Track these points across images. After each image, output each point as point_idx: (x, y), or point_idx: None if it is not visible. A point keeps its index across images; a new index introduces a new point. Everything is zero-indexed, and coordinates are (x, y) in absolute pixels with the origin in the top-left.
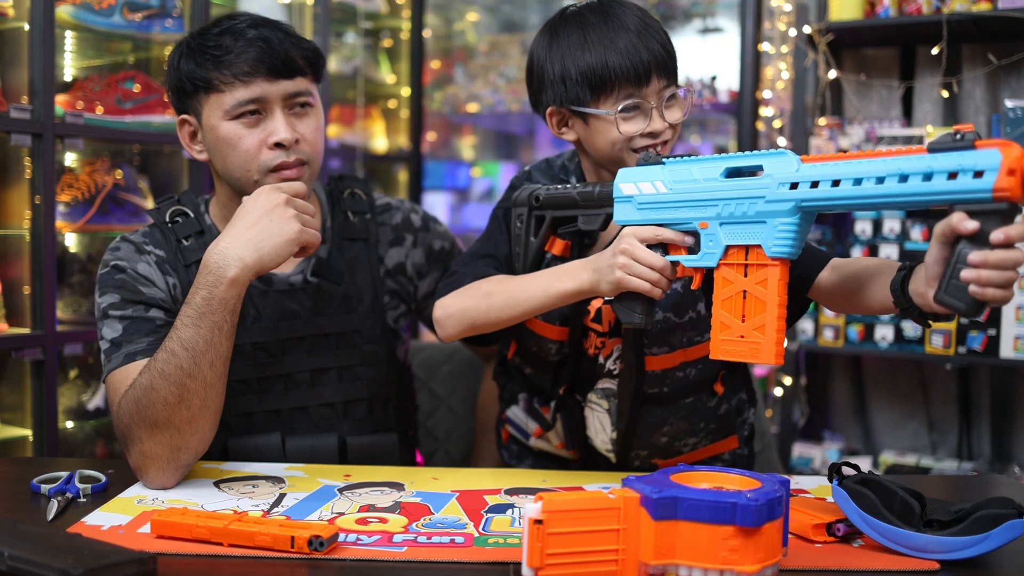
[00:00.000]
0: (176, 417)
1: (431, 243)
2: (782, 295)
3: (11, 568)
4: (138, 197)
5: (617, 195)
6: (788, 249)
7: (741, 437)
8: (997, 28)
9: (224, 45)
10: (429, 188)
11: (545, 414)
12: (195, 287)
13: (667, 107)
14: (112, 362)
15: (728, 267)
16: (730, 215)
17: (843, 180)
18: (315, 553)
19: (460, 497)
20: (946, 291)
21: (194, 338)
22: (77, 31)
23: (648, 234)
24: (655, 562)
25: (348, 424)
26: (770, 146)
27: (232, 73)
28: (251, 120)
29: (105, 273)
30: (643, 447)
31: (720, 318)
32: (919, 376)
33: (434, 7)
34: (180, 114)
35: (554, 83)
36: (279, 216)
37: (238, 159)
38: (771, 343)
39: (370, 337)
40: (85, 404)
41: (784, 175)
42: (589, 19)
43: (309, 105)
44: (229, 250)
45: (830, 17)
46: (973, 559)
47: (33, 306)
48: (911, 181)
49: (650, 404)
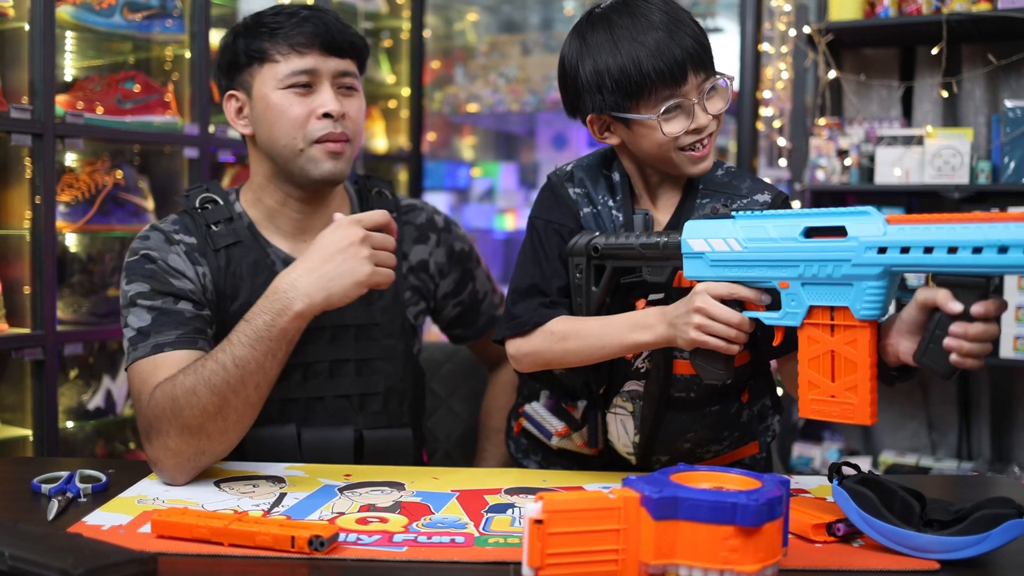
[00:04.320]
0: (211, 426)
1: (452, 244)
2: (872, 355)
3: (12, 568)
4: (138, 197)
5: (687, 251)
6: (878, 311)
7: (763, 443)
8: (997, 28)
9: (280, 21)
10: (429, 188)
11: (572, 413)
12: (258, 308)
13: (708, 99)
14: (138, 351)
15: (813, 327)
16: (813, 276)
17: (936, 248)
18: (315, 553)
19: (460, 497)
20: (925, 355)
21: (247, 358)
22: (77, 31)
23: (723, 291)
24: (655, 562)
25: (362, 417)
26: (769, 146)
27: (289, 44)
28: (302, 92)
29: (134, 261)
30: (665, 452)
31: (808, 377)
32: (919, 376)
33: (434, 7)
34: (227, 91)
35: (590, 92)
36: (352, 256)
37: (286, 126)
38: (865, 404)
39: (389, 331)
40: (85, 404)
41: (870, 238)
42: (615, 20)
43: (354, 88)
44: (299, 283)
45: (830, 17)
46: (973, 559)
47: (33, 306)
48: (1012, 252)
49: (675, 409)
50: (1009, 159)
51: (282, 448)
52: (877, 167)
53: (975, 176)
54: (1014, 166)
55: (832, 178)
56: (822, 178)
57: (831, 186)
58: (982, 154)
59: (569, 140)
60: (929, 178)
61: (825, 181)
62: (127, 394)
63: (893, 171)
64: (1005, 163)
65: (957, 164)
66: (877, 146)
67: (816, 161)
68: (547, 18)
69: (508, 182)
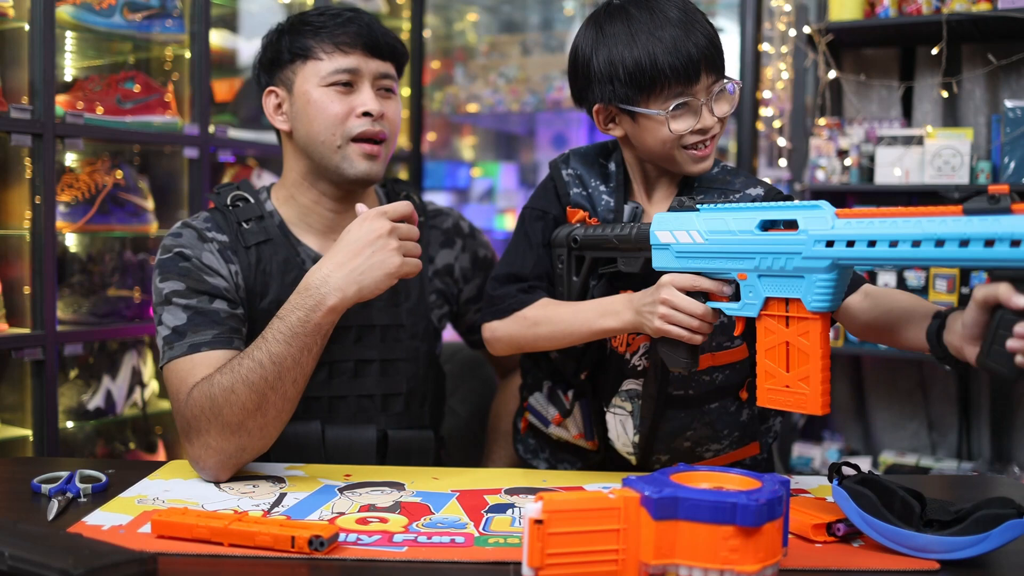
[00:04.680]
0: (251, 423)
1: (476, 250)
2: (824, 347)
3: (12, 568)
4: (138, 197)
5: (654, 242)
6: (827, 303)
7: (764, 444)
8: (997, 28)
9: (324, 21)
10: (429, 188)
11: (566, 401)
12: (292, 305)
13: (716, 101)
14: (175, 350)
15: (770, 318)
16: (768, 268)
17: (879, 241)
18: (315, 553)
19: (460, 497)
20: (989, 356)
21: (283, 354)
22: (77, 31)
23: (686, 282)
24: (655, 562)
25: (384, 417)
26: (769, 146)
27: (333, 43)
28: (343, 90)
29: (168, 259)
30: (665, 451)
31: (765, 367)
32: (919, 376)
33: (434, 7)
34: (267, 87)
35: (601, 81)
36: (381, 248)
37: (325, 122)
38: (816, 394)
39: (413, 333)
40: (85, 404)
41: (819, 232)
42: (633, 14)
43: (393, 92)
44: (331, 278)
45: (830, 17)
46: (973, 559)
47: (33, 306)
48: (948, 246)
49: (674, 407)
50: (1009, 159)
51: (305, 445)
52: (877, 167)
53: (975, 176)
54: (1014, 166)
55: (832, 178)
56: (822, 178)
57: (831, 186)
58: (982, 154)
59: (569, 140)
60: (929, 178)
61: (825, 181)
62: (127, 394)
63: (893, 171)
64: (1005, 163)
65: (957, 164)
66: (877, 146)
67: (816, 161)
68: (547, 18)
69: (508, 182)
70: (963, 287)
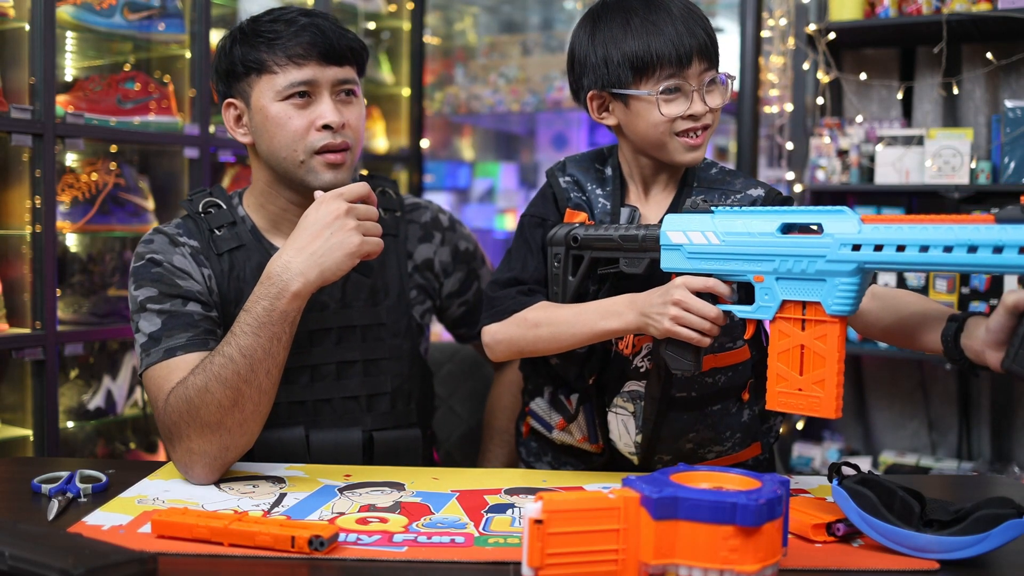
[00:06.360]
0: (228, 420)
1: (457, 243)
2: (841, 351)
3: (12, 568)
4: (138, 197)
5: (665, 242)
6: (849, 307)
7: (765, 444)
8: (997, 28)
9: (278, 30)
10: (429, 188)
11: (569, 406)
12: (256, 296)
13: (708, 91)
14: (151, 356)
15: (785, 320)
16: (788, 271)
17: (908, 246)
18: (315, 553)
19: (460, 497)
20: (1015, 361)
21: (253, 346)
22: (77, 31)
23: (700, 284)
24: (655, 562)
25: (371, 418)
26: (770, 146)
27: (287, 55)
28: (300, 102)
29: (140, 266)
30: (667, 452)
31: (776, 370)
32: (919, 376)
33: (434, 7)
34: (225, 98)
35: (596, 66)
36: (340, 228)
37: (286, 139)
38: (831, 397)
39: (395, 331)
40: (85, 404)
41: (845, 236)
42: (633, 6)
43: (354, 94)
44: (292, 264)
45: (830, 17)
46: (973, 559)
47: (33, 306)
48: (980, 252)
49: (677, 409)
50: (1009, 159)
51: (290, 451)
52: (877, 167)
53: (975, 176)
54: (1014, 166)
55: (832, 178)
56: (822, 178)
57: (831, 186)
58: (982, 154)
59: (569, 140)
60: (929, 178)
61: (825, 181)
62: (127, 394)
63: (893, 171)
64: (1005, 163)
65: (957, 164)
66: (877, 146)
67: (816, 161)
68: (547, 18)
69: (508, 182)
70: (963, 287)
